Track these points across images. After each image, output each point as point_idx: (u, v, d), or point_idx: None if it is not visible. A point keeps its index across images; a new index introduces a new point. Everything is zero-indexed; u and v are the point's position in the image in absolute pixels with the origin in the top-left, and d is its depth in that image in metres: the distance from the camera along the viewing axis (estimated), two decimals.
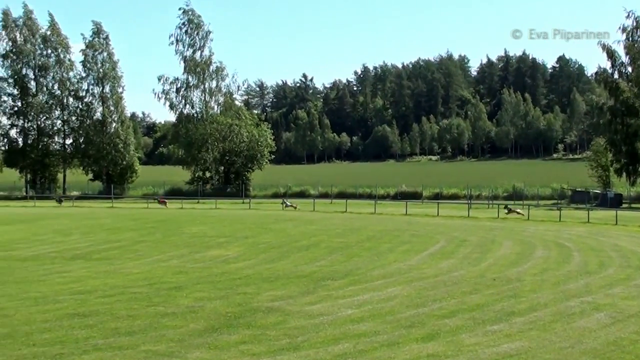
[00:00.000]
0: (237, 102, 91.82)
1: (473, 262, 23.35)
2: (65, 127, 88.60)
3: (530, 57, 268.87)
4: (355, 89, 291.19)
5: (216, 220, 44.40)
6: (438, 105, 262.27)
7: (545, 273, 20.70)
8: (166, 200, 64.21)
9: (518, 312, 14.96)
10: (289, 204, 60.60)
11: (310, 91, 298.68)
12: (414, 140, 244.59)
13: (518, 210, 49.71)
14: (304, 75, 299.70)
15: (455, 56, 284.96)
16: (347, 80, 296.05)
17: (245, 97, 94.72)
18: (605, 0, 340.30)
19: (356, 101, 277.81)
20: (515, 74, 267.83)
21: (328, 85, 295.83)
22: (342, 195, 74.73)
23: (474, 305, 15.69)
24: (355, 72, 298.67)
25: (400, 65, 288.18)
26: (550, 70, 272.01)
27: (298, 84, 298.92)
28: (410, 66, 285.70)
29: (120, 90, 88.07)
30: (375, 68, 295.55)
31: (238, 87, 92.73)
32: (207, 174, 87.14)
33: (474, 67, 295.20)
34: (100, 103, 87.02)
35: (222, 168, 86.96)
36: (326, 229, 37.13)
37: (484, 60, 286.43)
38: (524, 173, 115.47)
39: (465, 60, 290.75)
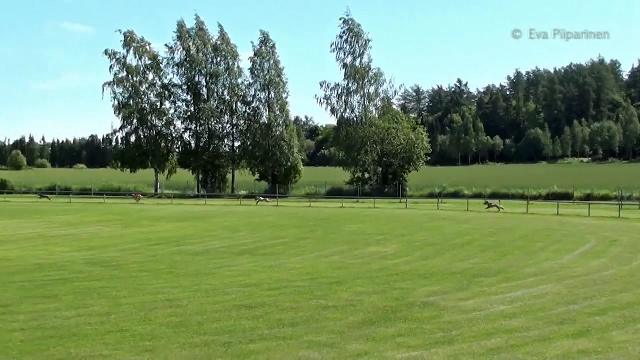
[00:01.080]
0: (394, 107, 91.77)
1: (624, 262, 22.52)
2: (234, 131, 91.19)
3: None
4: (508, 93, 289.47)
5: (374, 218, 44.54)
6: (590, 108, 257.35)
7: None
8: (141, 196, 64.82)
9: None
10: (262, 198, 63.05)
11: (465, 96, 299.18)
12: (565, 143, 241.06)
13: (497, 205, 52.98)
14: (459, 81, 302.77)
15: (607, 61, 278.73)
16: (501, 85, 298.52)
17: (403, 101, 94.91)
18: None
19: (509, 105, 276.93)
20: None
21: (482, 90, 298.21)
22: (495, 195, 73.05)
23: (624, 304, 15.09)
24: (509, 77, 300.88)
25: (552, 70, 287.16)
26: None
27: (453, 89, 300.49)
28: (563, 71, 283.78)
29: (285, 95, 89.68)
30: (527, 73, 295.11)
31: (395, 92, 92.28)
32: (366, 175, 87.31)
33: (625, 71, 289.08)
34: (267, 108, 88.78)
35: (380, 169, 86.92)
36: (479, 228, 36.66)
37: (636, 65, 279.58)
38: None
39: (617, 65, 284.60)
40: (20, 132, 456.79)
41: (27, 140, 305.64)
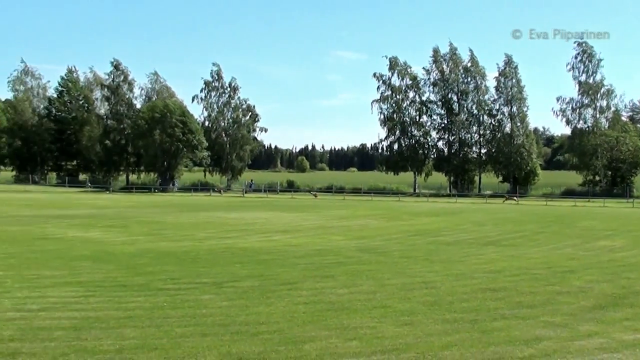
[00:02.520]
0: (623, 118, 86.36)
1: None
2: (481, 140, 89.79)
3: None
4: None
5: (604, 216, 42.02)
6: None
7: None
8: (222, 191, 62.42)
9: None
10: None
11: None
12: None
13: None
14: None
15: None
16: None
17: (630, 113, 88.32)
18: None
19: None
20: None
21: None
22: None
23: None
24: None
25: None
26: None
27: None
28: None
29: (525, 109, 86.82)
30: None
31: (625, 105, 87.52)
32: (596, 178, 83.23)
33: None
34: (509, 120, 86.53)
35: (609, 172, 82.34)
36: None
37: None
38: None
39: None
40: (305, 141, 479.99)
41: (310, 147, 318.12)
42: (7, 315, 11.21)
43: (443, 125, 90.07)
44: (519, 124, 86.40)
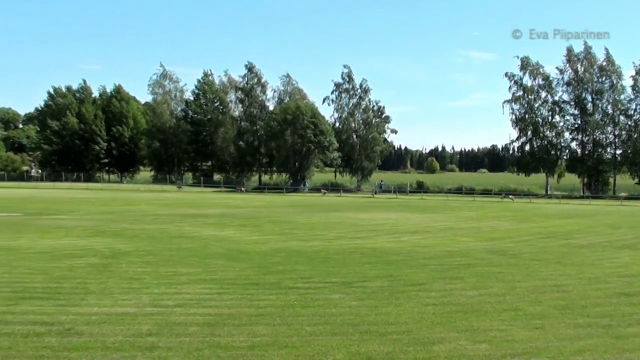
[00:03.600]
0: None
1: None
2: (616, 140, 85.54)
3: None
4: None
5: None
6: None
7: None
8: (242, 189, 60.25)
9: None
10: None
11: None
12: None
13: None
14: None
15: None
16: None
17: None
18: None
19: None
20: None
21: None
22: None
23: None
24: None
25: None
26: None
27: None
28: None
29: None
30: None
31: None
32: None
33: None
34: None
35: None
36: None
37: None
38: None
39: None
40: (434, 142, 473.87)
41: (439, 148, 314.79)
42: (145, 311, 11.77)
43: (576, 125, 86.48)
44: None
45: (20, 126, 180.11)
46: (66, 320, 10.78)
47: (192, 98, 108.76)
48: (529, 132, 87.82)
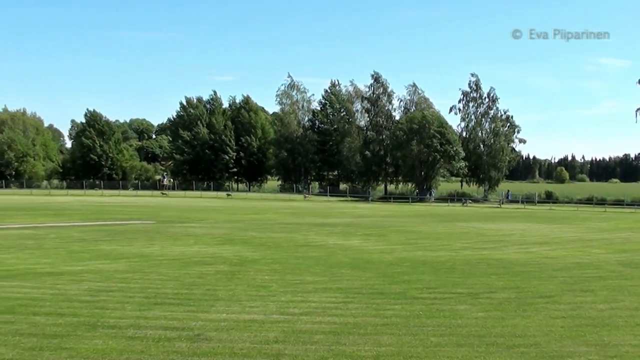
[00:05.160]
0: None
1: None
2: None
3: None
4: None
5: None
6: None
7: None
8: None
9: None
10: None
11: None
12: None
13: None
14: None
15: None
16: None
17: None
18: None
19: None
20: None
21: None
22: None
23: None
24: None
25: None
26: None
27: None
28: None
29: None
30: None
31: None
32: None
33: None
34: None
35: None
36: None
37: None
38: None
39: None
40: (564, 151, 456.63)
41: (569, 158, 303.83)
42: (272, 318, 11.93)
43: None
44: None
45: (154, 136, 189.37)
46: (196, 326, 11.12)
47: (319, 108, 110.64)
48: None
